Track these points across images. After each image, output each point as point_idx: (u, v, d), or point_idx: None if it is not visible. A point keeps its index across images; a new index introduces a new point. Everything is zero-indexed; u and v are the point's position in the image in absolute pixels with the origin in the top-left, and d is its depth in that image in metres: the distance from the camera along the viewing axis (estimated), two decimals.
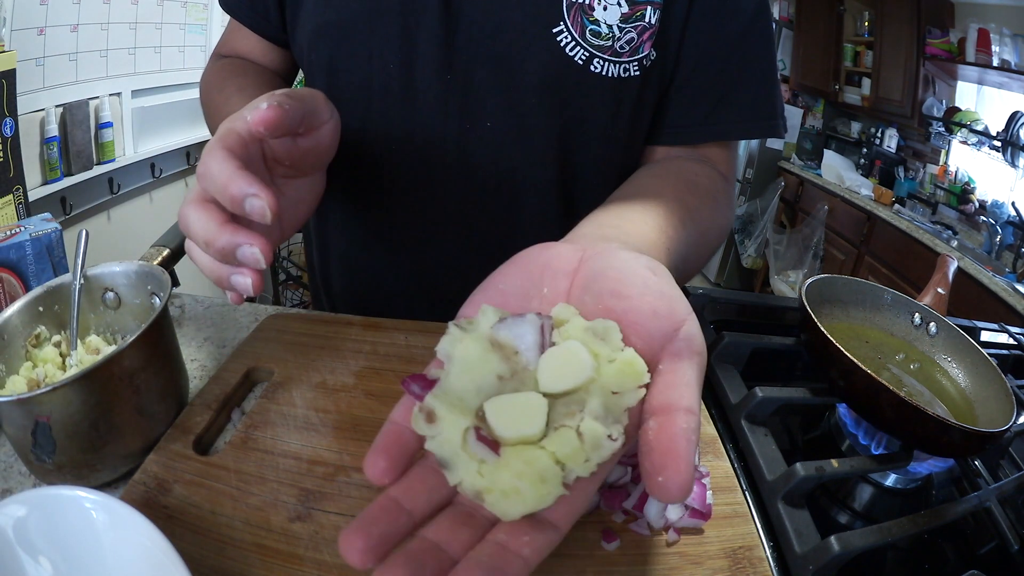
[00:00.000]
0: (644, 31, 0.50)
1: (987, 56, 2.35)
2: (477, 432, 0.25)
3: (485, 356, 0.27)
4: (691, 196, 0.50)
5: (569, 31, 0.49)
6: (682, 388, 0.25)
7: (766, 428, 0.51)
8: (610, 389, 0.26)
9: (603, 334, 0.27)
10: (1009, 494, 0.49)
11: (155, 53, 1.69)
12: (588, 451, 0.24)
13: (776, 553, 0.41)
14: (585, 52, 0.50)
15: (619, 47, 0.50)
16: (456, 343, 0.27)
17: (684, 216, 0.45)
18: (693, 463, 0.23)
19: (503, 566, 0.22)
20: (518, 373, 0.27)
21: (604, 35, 0.50)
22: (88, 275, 0.45)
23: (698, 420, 0.25)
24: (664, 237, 0.41)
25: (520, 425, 0.25)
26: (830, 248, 2.94)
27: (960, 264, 1.98)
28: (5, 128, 1.17)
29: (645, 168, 0.57)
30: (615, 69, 0.51)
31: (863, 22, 3.09)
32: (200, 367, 0.53)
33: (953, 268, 0.75)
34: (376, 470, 0.26)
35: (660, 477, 0.23)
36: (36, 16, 1.27)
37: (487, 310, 0.28)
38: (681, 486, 0.22)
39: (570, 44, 0.50)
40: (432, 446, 0.25)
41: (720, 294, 0.72)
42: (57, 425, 0.36)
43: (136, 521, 0.29)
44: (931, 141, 2.73)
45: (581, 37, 0.50)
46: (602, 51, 0.50)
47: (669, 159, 0.59)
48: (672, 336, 0.27)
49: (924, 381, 0.58)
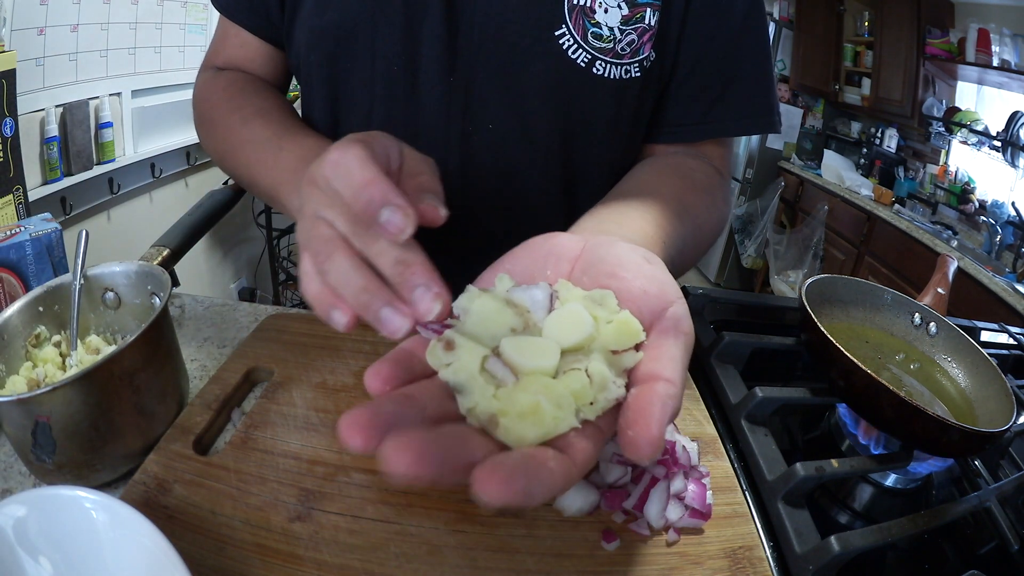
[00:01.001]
0: (644, 32, 0.51)
1: (987, 56, 2.36)
2: (496, 356, 0.26)
3: (501, 310, 0.29)
4: (687, 192, 0.51)
5: (571, 34, 0.50)
6: (665, 361, 0.26)
7: (766, 428, 0.51)
8: (609, 347, 0.27)
9: (600, 300, 0.29)
10: (1009, 494, 0.49)
11: (155, 53, 1.69)
12: (595, 392, 0.25)
13: (776, 553, 0.41)
14: (587, 55, 0.50)
15: (620, 49, 0.51)
16: (474, 299, 0.29)
17: (680, 211, 0.46)
18: (665, 425, 0.24)
19: (534, 470, 0.21)
20: (529, 328, 0.28)
21: (605, 37, 0.50)
22: (88, 275, 0.45)
23: (679, 391, 0.25)
24: (660, 231, 0.42)
25: (536, 358, 0.26)
26: (830, 248, 2.94)
27: (960, 264, 1.98)
28: (5, 128, 1.17)
29: (643, 164, 0.58)
30: (616, 71, 0.51)
31: (863, 22, 3.09)
32: (200, 367, 0.53)
33: (953, 268, 0.75)
34: (378, 377, 0.25)
35: (631, 431, 0.24)
36: (36, 16, 1.27)
37: (503, 278, 0.31)
38: (650, 442, 0.23)
39: (572, 47, 0.50)
40: (447, 373, 0.26)
41: (720, 294, 0.72)
42: (57, 425, 0.36)
43: (136, 521, 0.29)
44: (931, 141, 2.73)
45: (583, 40, 0.50)
46: (604, 53, 0.51)
47: (666, 155, 0.60)
48: (660, 315, 0.29)
49: (924, 381, 0.58)
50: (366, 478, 0.40)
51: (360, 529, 0.37)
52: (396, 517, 0.38)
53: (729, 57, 0.55)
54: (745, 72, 0.57)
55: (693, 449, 0.44)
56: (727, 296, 0.73)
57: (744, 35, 0.55)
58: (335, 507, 0.38)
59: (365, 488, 0.39)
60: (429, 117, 0.54)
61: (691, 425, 0.49)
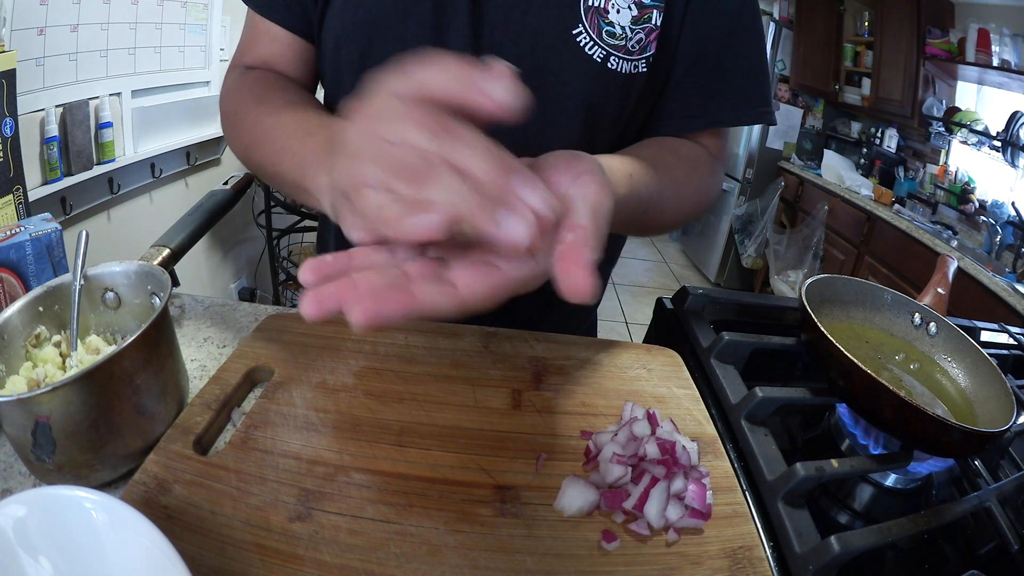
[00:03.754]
0: (651, 32, 0.55)
1: (987, 56, 2.36)
2: None
3: None
4: (666, 154, 0.56)
5: (587, 32, 0.53)
6: (580, 211, 0.30)
7: (766, 428, 0.51)
8: None
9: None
10: (1009, 494, 0.49)
11: (155, 53, 1.68)
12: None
13: (776, 553, 0.41)
14: (602, 51, 0.54)
15: (631, 46, 0.54)
16: None
17: (656, 164, 0.51)
18: (588, 259, 0.28)
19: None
20: None
21: (619, 35, 0.54)
22: (88, 275, 0.45)
23: (594, 232, 0.29)
24: (627, 165, 0.47)
25: None
26: (830, 248, 2.93)
27: (960, 264, 1.99)
28: (5, 128, 1.17)
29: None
30: (628, 66, 0.55)
31: (863, 22, 3.09)
32: (200, 367, 0.53)
33: (953, 268, 0.75)
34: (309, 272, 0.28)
35: (559, 267, 0.28)
36: (36, 16, 1.27)
37: None
38: (580, 266, 0.27)
39: (589, 44, 0.54)
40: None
41: (720, 294, 0.72)
42: (57, 425, 0.36)
43: (136, 521, 0.29)
44: (931, 141, 2.73)
45: (598, 37, 0.53)
46: (617, 50, 0.54)
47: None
48: (577, 175, 0.32)
49: (924, 381, 0.58)
50: (366, 478, 0.40)
51: (360, 529, 0.37)
52: (396, 517, 0.38)
53: (724, 53, 0.58)
54: (740, 67, 0.60)
55: (693, 449, 0.44)
56: (727, 296, 0.73)
57: (738, 32, 0.59)
58: (335, 507, 0.38)
59: (365, 488, 0.39)
60: None
61: (691, 425, 0.49)
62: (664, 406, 0.51)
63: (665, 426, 0.46)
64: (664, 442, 0.43)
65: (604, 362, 0.56)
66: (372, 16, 0.54)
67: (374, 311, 0.25)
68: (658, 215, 0.52)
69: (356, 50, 0.56)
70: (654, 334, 0.75)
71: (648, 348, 0.59)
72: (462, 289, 0.28)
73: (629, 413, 0.48)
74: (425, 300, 0.27)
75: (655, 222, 0.55)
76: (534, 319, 0.66)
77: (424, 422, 0.46)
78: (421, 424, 0.46)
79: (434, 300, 0.27)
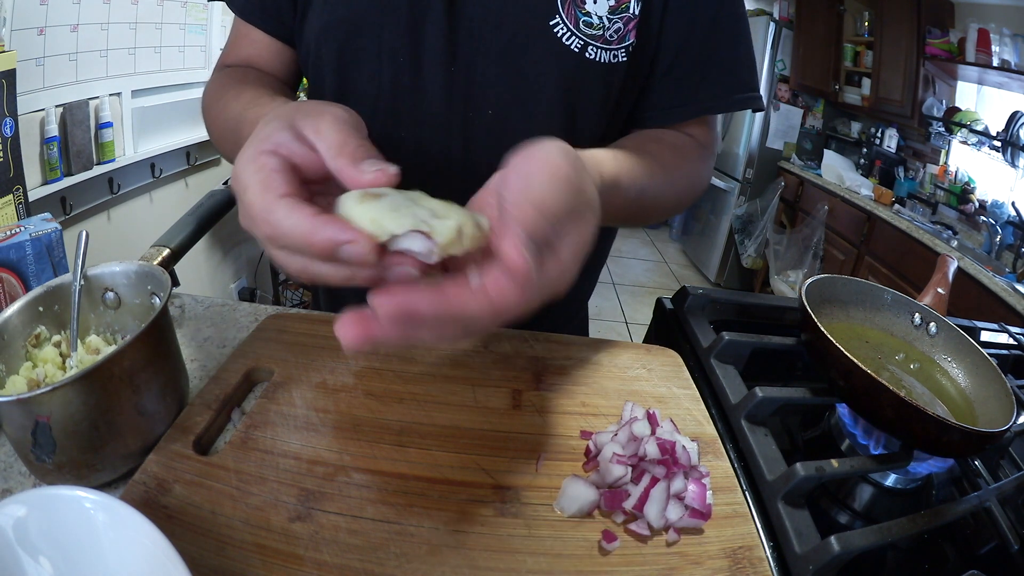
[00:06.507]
0: (629, 21, 0.55)
1: (987, 56, 2.35)
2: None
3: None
4: (650, 143, 0.57)
5: (564, 23, 0.53)
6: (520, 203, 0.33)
7: (766, 428, 0.51)
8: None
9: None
10: (1009, 494, 0.49)
11: (155, 53, 1.69)
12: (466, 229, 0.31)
13: (776, 553, 0.41)
14: (580, 41, 0.54)
15: (609, 36, 0.55)
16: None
17: (641, 152, 0.52)
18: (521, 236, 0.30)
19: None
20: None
21: (596, 25, 0.54)
22: (88, 275, 0.45)
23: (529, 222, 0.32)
24: (613, 155, 0.48)
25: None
26: (830, 248, 2.93)
27: (960, 264, 1.98)
28: (5, 128, 1.17)
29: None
30: (607, 56, 0.55)
31: (863, 22, 3.09)
32: (200, 367, 0.53)
33: (953, 268, 0.75)
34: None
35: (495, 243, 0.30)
36: (36, 16, 1.27)
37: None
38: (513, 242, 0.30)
39: (566, 34, 0.54)
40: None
41: (720, 294, 0.72)
42: (57, 425, 0.36)
43: (136, 521, 0.29)
44: (931, 141, 2.73)
45: (575, 28, 0.54)
46: (595, 40, 0.54)
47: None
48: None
49: (924, 381, 0.58)
50: (366, 478, 0.40)
51: (360, 529, 0.37)
52: (396, 517, 0.38)
53: (708, 43, 0.59)
54: (723, 55, 0.60)
55: (693, 449, 0.44)
56: (727, 296, 0.73)
57: (721, 18, 0.59)
58: (335, 507, 0.38)
59: (365, 488, 0.39)
60: (432, 105, 0.56)
61: (691, 425, 0.49)
62: (664, 406, 0.51)
63: (665, 426, 0.46)
64: (664, 442, 0.43)
65: (604, 362, 0.56)
66: (349, 14, 0.55)
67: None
68: (651, 202, 0.53)
69: (335, 47, 0.56)
70: (654, 334, 0.75)
71: (648, 348, 0.59)
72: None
73: (629, 413, 0.48)
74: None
75: (648, 211, 0.56)
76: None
77: (424, 422, 0.46)
78: (421, 424, 0.46)
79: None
